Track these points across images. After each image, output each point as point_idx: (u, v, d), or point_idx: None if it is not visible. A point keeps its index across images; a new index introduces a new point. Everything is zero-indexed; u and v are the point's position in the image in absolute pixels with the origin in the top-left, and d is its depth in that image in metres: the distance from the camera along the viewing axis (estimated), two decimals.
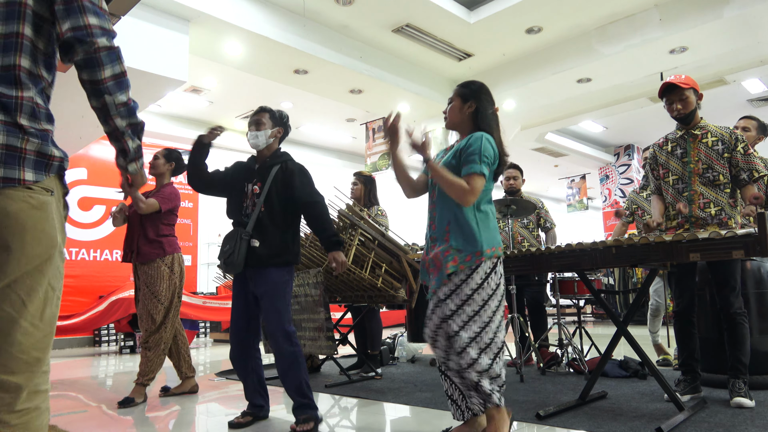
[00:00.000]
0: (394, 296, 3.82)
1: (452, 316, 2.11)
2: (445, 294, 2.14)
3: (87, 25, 1.19)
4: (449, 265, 2.12)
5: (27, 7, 1.16)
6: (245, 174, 2.80)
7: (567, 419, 2.65)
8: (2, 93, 1.11)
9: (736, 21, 5.89)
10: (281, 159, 2.79)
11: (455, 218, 2.19)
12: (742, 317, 2.89)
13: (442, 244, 2.18)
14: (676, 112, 3.00)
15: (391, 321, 9.91)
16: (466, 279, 2.12)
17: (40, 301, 1.11)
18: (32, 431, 1.08)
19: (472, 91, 2.36)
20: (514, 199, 4.11)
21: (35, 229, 1.10)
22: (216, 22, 5.62)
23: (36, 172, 1.12)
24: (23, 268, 1.08)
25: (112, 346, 7.78)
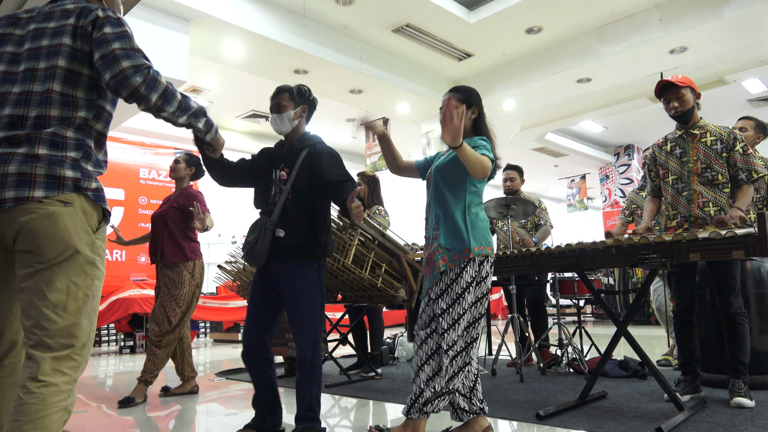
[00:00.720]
0: (394, 296, 3.82)
1: (443, 314, 2.15)
2: (437, 294, 2.18)
3: (122, 71, 1.44)
4: (440, 264, 2.17)
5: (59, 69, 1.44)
6: (272, 160, 2.58)
7: (567, 419, 2.65)
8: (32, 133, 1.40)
9: (736, 21, 5.89)
10: (310, 142, 2.59)
11: (444, 217, 2.24)
12: (742, 317, 2.89)
13: (433, 243, 2.25)
14: (673, 110, 3.00)
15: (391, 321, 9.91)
16: (456, 278, 2.16)
17: (62, 294, 1.36)
18: (48, 404, 1.28)
19: (474, 98, 2.39)
20: (514, 198, 4.11)
21: (47, 234, 1.36)
22: (216, 22, 5.62)
23: (47, 189, 1.37)
24: (41, 264, 1.35)
25: (112, 346, 7.78)
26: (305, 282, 2.39)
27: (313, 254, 2.43)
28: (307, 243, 2.40)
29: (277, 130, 2.59)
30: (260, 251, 2.36)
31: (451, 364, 2.16)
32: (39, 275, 1.35)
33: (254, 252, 2.38)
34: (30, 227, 1.35)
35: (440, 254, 2.18)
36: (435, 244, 2.23)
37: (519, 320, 4.16)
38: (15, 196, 1.34)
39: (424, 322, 2.26)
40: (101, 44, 1.45)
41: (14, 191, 1.35)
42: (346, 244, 3.87)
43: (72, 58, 1.45)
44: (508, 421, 2.74)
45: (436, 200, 2.30)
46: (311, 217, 2.44)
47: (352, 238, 3.81)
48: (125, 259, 8.51)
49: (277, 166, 2.53)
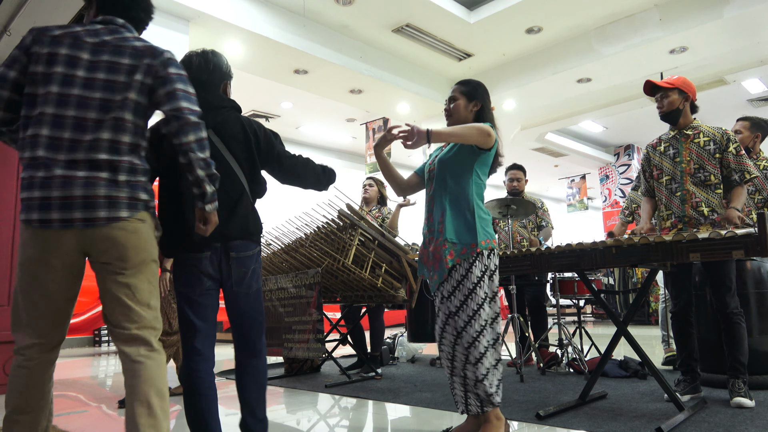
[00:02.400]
0: (394, 296, 3.82)
1: (458, 311, 2.13)
2: (449, 291, 2.16)
3: (180, 108, 1.68)
4: (447, 259, 2.15)
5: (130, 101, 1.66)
6: None
7: (567, 419, 2.65)
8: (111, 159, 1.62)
9: (736, 21, 5.89)
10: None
11: (449, 211, 2.21)
12: (738, 317, 2.90)
13: (438, 237, 2.21)
14: (659, 110, 3.08)
15: (391, 321, 9.91)
16: (467, 273, 2.13)
17: (146, 293, 1.69)
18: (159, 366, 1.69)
19: (477, 90, 2.38)
20: (515, 199, 4.11)
21: (133, 246, 1.66)
22: (216, 22, 5.62)
23: (129, 210, 1.65)
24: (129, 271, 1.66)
25: (111, 346, 7.77)
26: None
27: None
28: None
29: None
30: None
31: (482, 362, 2.12)
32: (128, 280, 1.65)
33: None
34: (120, 241, 1.63)
35: (447, 249, 2.15)
36: (440, 238, 2.19)
37: (519, 320, 4.16)
38: (107, 216, 1.61)
39: (442, 321, 2.23)
40: (167, 83, 1.70)
41: (106, 211, 1.60)
42: (346, 244, 3.87)
43: (141, 93, 1.68)
44: (509, 420, 2.74)
45: (440, 193, 2.27)
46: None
47: (352, 239, 3.81)
48: None
49: None
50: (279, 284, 4.35)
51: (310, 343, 3.87)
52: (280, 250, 4.59)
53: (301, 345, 3.98)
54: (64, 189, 1.56)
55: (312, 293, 3.90)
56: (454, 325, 2.16)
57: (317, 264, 4.06)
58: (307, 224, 4.21)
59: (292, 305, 4.15)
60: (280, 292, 4.34)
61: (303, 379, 4.27)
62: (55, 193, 1.56)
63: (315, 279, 3.90)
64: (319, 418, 3.08)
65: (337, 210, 3.85)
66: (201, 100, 1.84)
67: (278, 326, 4.33)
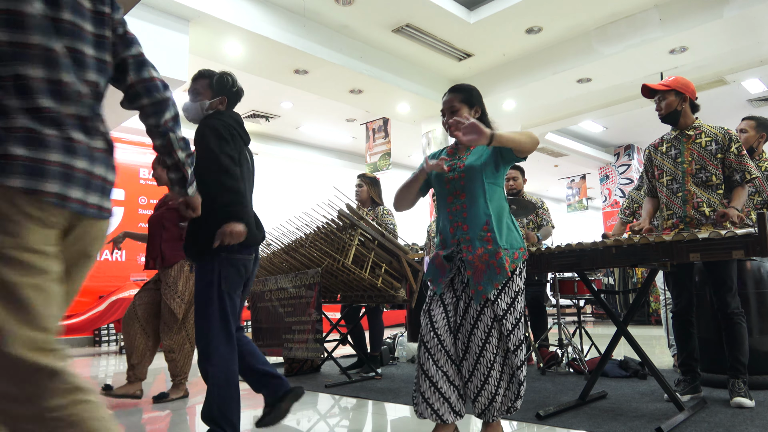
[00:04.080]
0: (394, 296, 3.82)
1: (505, 315, 2.10)
2: (494, 294, 2.11)
3: (152, 78, 1.41)
4: (506, 266, 2.11)
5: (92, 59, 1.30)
6: None
7: (567, 419, 2.65)
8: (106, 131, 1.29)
9: (736, 21, 5.89)
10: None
11: (496, 218, 2.18)
12: (739, 317, 2.90)
13: (484, 245, 2.15)
14: (658, 113, 3.07)
15: (391, 321, 9.91)
16: (512, 277, 2.13)
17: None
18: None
19: (473, 95, 2.36)
20: (515, 199, 4.11)
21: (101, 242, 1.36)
22: (216, 22, 5.62)
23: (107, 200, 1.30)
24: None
25: (111, 345, 7.78)
26: (201, 282, 2.21)
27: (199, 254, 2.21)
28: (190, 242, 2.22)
29: (187, 117, 2.36)
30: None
31: (524, 364, 2.12)
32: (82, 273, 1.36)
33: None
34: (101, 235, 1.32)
35: (503, 256, 2.11)
36: (490, 246, 2.13)
37: None
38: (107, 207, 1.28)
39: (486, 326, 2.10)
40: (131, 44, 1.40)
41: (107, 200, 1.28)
42: (345, 245, 3.87)
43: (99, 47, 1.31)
44: (508, 421, 2.74)
45: (473, 201, 2.21)
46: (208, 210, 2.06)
47: (352, 238, 3.81)
48: (125, 259, 8.51)
49: None
50: (279, 284, 4.35)
51: (309, 343, 3.87)
52: (280, 250, 4.60)
53: (301, 345, 3.98)
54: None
55: (312, 293, 3.90)
56: (500, 329, 2.10)
57: (317, 264, 4.06)
58: (307, 224, 4.21)
59: (291, 305, 4.16)
60: (279, 292, 4.34)
61: (303, 379, 4.27)
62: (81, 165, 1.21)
63: (315, 279, 3.90)
64: (319, 418, 3.08)
65: (336, 210, 3.85)
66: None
67: (278, 326, 4.33)
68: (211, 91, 2.35)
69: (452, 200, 2.28)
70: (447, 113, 2.32)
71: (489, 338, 2.10)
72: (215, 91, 2.35)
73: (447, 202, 2.30)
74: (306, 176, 11.35)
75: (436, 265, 2.29)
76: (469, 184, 2.23)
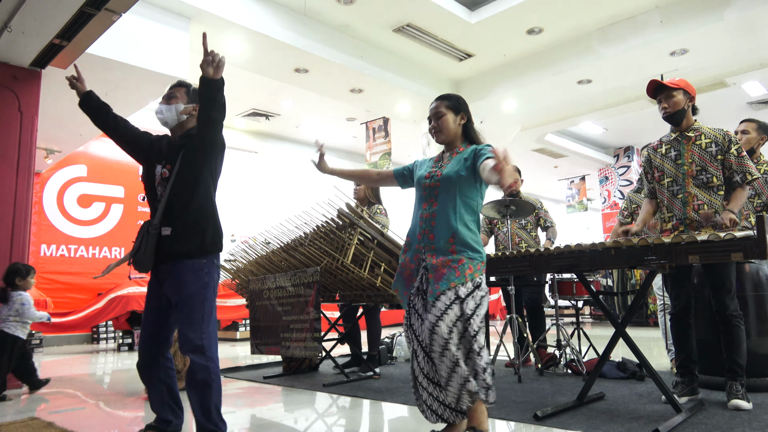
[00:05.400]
0: (393, 295, 3.82)
1: (473, 315, 2.11)
2: (465, 293, 2.12)
3: None
4: (467, 273, 2.13)
5: None
6: (155, 154, 2.42)
7: (565, 420, 2.66)
8: None
9: (737, 24, 5.89)
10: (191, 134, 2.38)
11: (460, 232, 2.18)
12: (737, 319, 2.90)
13: (448, 255, 2.16)
14: (663, 111, 3.03)
15: (389, 321, 9.91)
16: (479, 286, 2.16)
17: None
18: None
19: (460, 103, 2.38)
20: (513, 199, 4.11)
21: None
22: (217, 20, 5.62)
23: None
24: None
25: (110, 343, 7.77)
26: (195, 285, 2.25)
27: (201, 252, 2.28)
28: (193, 243, 2.27)
29: (161, 119, 2.43)
30: (144, 257, 2.25)
31: (488, 365, 2.13)
32: None
33: (137, 258, 2.27)
34: None
35: (465, 264, 2.13)
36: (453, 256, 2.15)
37: (517, 321, 4.16)
38: None
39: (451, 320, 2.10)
40: None
41: None
42: (345, 244, 3.87)
43: None
44: (506, 421, 2.75)
45: (443, 212, 2.22)
46: (196, 213, 2.29)
47: (352, 238, 3.81)
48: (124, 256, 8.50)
49: (160, 162, 2.38)
50: (278, 283, 4.35)
51: (307, 342, 3.87)
52: (279, 248, 4.59)
53: (299, 344, 3.98)
54: None
55: (311, 292, 3.90)
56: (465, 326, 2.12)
57: (316, 263, 4.06)
58: (306, 223, 4.21)
59: (290, 304, 4.15)
60: (278, 290, 4.34)
61: (301, 378, 4.27)
62: None
63: (314, 278, 3.90)
64: (317, 417, 3.08)
65: (336, 209, 3.85)
66: None
67: (276, 325, 4.33)
68: (187, 98, 2.45)
69: (426, 206, 2.30)
70: (433, 119, 2.37)
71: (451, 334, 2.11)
72: (190, 98, 2.45)
73: (421, 207, 2.32)
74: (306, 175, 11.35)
75: (404, 276, 2.30)
76: (442, 193, 2.24)
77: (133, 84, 5.49)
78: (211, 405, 2.18)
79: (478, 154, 2.22)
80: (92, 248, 8.28)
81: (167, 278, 2.28)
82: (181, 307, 2.24)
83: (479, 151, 2.22)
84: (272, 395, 3.69)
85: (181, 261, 2.25)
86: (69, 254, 8.04)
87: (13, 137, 4.44)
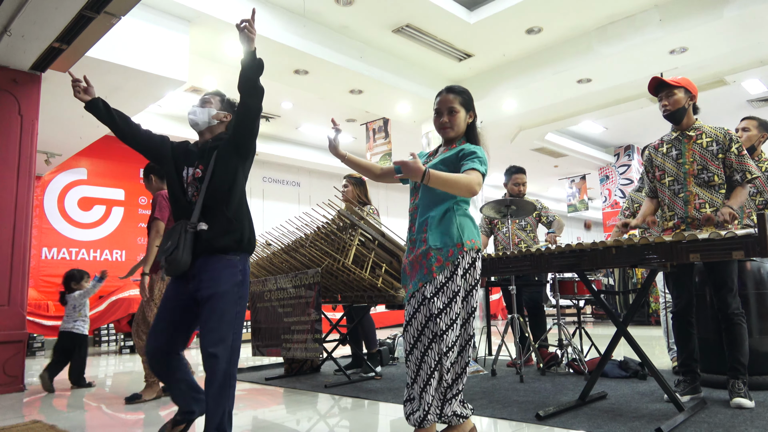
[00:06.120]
0: (395, 296, 3.82)
1: (440, 314, 2.08)
2: (431, 292, 2.10)
3: None
4: (435, 267, 2.11)
5: None
6: (183, 157, 2.43)
7: (567, 420, 2.65)
8: None
9: (736, 21, 5.88)
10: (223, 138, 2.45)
11: (433, 218, 2.18)
12: (739, 317, 2.89)
13: (421, 246, 2.17)
14: (663, 109, 3.02)
15: (391, 321, 9.91)
16: (451, 276, 2.11)
17: None
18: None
19: (471, 100, 2.36)
20: (514, 199, 4.11)
21: None
22: (216, 23, 5.62)
23: None
24: None
25: (111, 345, 7.78)
26: (229, 282, 2.24)
27: (238, 248, 2.30)
28: (231, 239, 2.28)
29: (192, 120, 2.48)
30: (182, 257, 2.20)
31: (453, 367, 2.12)
32: None
33: (175, 258, 2.19)
34: None
35: (434, 256, 2.12)
36: (424, 246, 2.15)
37: (519, 320, 4.16)
38: None
39: (420, 324, 2.13)
40: None
41: None
42: (346, 245, 3.87)
43: None
44: (508, 421, 2.74)
45: (425, 202, 2.24)
46: (235, 210, 2.34)
47: (353, 239, 3.81)
48: (125, 259, 8.51)
49: (191, 164, 2.39)
50: (278, 284, 4.35)
51: (308, 343, 3.87)
52: (279, 250, 4.59)
53: (300, 345, 3.98)
54: None
55: (311, 293, 3.90)
56: (433, 328, 2.10)
57: (317, 264, 4.06)
58: (307, 224, 4.21)
59: (291, 305, 4.15)
60: (279, 292, 4.34)
61: (303, 379, 4.27)
62: None
63: (315, 279, 3.90)
64: (319, 418, 3.08)
65: (336, 210, 3.85)
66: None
67: (277, 327, 4.33)
68: (221, 105, 2.54)
69: (412, 201, 2.33)
70: (445, 113, 2.30)
71: (421, 337, 2.12)
72: (223, 107, 2.55)
73: (411, 202, 2.35)
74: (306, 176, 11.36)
75: (407, 272, 2.31)
76: (423, 186, 2.24)
77: (132, 87, 5.49)
78: (225, 407, 2.15)
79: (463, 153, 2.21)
80: (93, 251, 8.28)
81: (198, 274, 2.24)
82: (212, 303, 2.20)
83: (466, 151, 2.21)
84: (274, 397, 3.69)
85: (215, 256, 2.24)
86: (70, 257, 8.05)
87: (13, 141, 4.45)
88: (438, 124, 2.32)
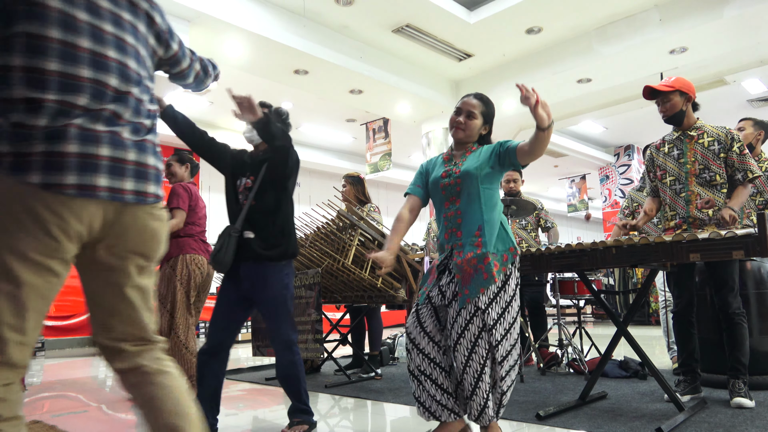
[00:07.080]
0: (394, 296, 3.82)
1: (495, 325, 2.08)
2: (485, 303, 2.09)
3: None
4: (495, 272, 2.10)
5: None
6: (239, 167, 2.67)
7: (567, 419, 2.65)
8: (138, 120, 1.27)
9: (736, 21, 5.89)
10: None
11: (489, 223, 2.18)
12: (740, 317, 2.89)
13: (473, 250, 2.15)
14: (662, 114, 3.05)
15: (391, 321, 9.91)
16: (504, 286, 2.12)
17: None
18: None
19: (492, 115, 2.39)
20: (514, 199, 4.11)
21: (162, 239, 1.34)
22: (216, 23, 5.62)
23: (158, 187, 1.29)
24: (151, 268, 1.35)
25: None
26: (278, 286, 2.53)
27: (284, 257, 2.57)
28: (276, 246, 2.55)
29: (248, 138, 2.71)
30: (224, 258, 2.48)
31: (509, 375, 2.12)
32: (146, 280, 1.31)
33: (218, 258, 2.50)
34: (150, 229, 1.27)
35: (491, 262, 2.10)
36: (478, 251, 2.13)
37: (519, 320, 4.15)
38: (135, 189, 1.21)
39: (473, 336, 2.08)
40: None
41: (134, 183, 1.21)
42: (346, 245, 3.88)
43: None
44: (508, 421, 2.74)
45: (468, 206, 2.21)
46: (277, 221, 2.58)
47: (352, 239, 3.81)
48: None
49: (244, 174, 2.65)
50: None
51: (309, 344, 3.87)
52: None
53: (300, 345, 3.98)
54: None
55: (312, 294, 3.90)
56: (488, 338, 2.09)
57: (317, 264, 4.06)
58: (306, 224, 4.21)
59: None
60: None
61: None
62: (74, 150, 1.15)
63: (315, 279, 3.90)
64: (319, 418, 3.08)
65: (336, 210, 3.85)
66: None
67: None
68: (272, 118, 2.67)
69: (448, 206, 2.28)
70: (463, 114, 2.32)
71: (476, 348, 2.08)
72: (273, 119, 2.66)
73: (444, 208, 2.30)
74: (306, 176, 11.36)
75: (431, 274, 2.30)
76: (464, 189, 2.23)
77: None
78: (301, 390, 2.56)
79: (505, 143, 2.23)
80: None
81: (249, 279, 2.53)
82: (267, 306, 2.54)
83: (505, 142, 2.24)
84: (274, 397, 3.69)
85: (263, 263, 2.52)
86: None
87: None
88: (453, 122, 2.34)
